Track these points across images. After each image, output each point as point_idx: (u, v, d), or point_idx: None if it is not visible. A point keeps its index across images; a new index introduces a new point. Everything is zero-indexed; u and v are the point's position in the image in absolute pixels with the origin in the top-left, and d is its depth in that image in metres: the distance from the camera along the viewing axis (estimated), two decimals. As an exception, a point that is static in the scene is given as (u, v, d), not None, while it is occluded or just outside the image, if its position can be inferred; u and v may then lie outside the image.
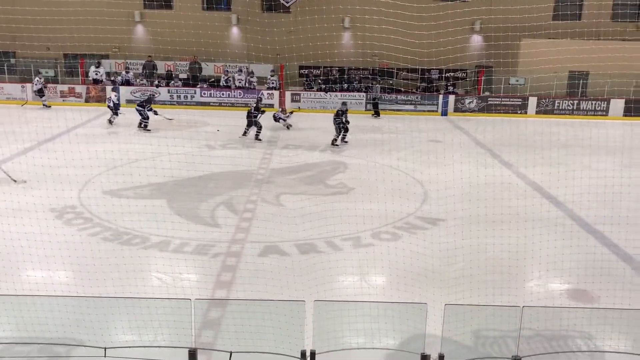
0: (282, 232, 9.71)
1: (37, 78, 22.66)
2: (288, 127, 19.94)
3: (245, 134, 18.04)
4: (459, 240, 9.58)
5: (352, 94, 24.28)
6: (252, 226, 10.39)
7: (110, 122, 19.44)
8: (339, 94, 24.07)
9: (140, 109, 18.67)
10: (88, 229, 9.94)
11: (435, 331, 5.30)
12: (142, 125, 18.57)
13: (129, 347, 4.35)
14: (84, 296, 6.19)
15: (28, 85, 23.52)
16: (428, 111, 24.08)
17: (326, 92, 24.12)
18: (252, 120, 17.95)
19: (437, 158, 14.87)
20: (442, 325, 4.98)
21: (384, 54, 21.54)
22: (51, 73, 24.82)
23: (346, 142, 17.63)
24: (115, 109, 19.44)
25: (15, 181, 12.17)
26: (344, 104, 17.65)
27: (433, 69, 24.41)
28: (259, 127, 17.88)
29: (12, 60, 25.11)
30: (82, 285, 7.49)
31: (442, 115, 24.02)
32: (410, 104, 24.28)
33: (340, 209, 10.58)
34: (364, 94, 24.24)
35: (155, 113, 18.74)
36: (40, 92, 22.46)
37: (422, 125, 21.23)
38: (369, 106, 23.84)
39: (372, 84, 24.06)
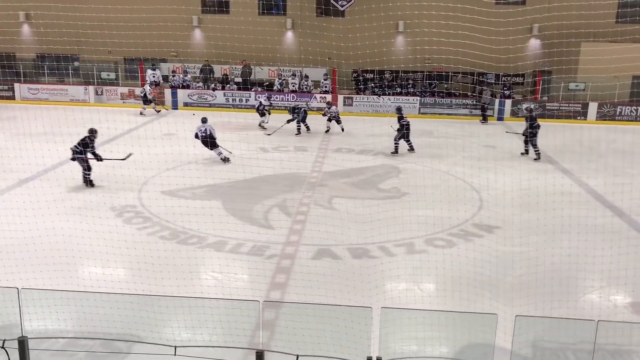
0: (335, 235, 9.71)
1: (147, 86, 23.23)
2: (342, 130, 19.92)
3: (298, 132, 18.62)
4: (516, 249, 9.36)
5: (405, 97, 24.11)
6: (305, 229, 10.45)
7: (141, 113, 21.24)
8: (392, 97, 23.95)
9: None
10: (147, 228, 10.22)
11: (502, 343, 5.15)
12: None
13: (199, 346, 4.41)
14: (144, 294, 6.34)
15: (90, 87, 24.39)
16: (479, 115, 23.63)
17: (379, 96, 24.02)
18: (297, 117, 18.81)
19: (492, 164, 14.57)
20: (512, 338, 4.83)
21: (438, 57, 21.36)
22: (112, 76, 25.68)
23: (411, 149, 16.95)
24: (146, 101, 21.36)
25: (124, 159, 13.06)
26: (398, 109, 17.33)
27: (489, 73, 23.96)
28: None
29: (76, 64, 26.10)
30: (140, 282, 7.68)
31: (497, 120, 23.53)
32: (465, 108, 23.90)
33: (393, 214, 10.50)
34: (418, 98, 24.01)
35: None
36: (145, 98, 22.83)
37: (477, 129, 20.88)
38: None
39: (482, 89, 23.54)
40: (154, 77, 24.53)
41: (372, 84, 25.12)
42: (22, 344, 4.04)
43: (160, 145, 16.23)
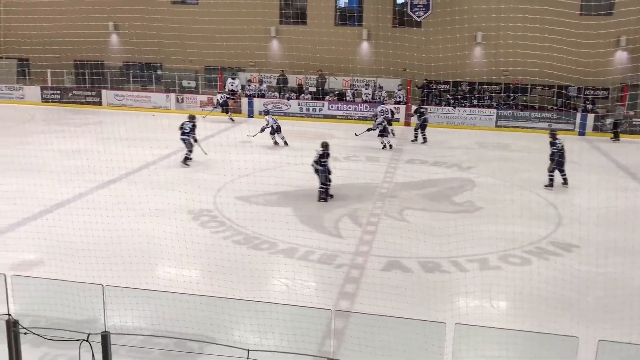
0: (406, 247, 9.60)
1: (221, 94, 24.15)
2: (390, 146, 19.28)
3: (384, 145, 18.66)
4: (597, 269, 8.93)
5: (482, 110, 23.59)
6: (375, 240, 10.39)
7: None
8: (467, 109, 23.50)
9: None
10: (221, 232, 10.49)
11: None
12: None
13: (271, 351, 4.47)
14: (216, 296, 6.49)
15: (172, 95, 25.40)
16: (564, 130, 22.72)
17: (454, 108, 23.63)
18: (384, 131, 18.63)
19: (572, 180, 13.99)
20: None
21: (517, 69, 20.77)
22: (192, 84, 26.65)
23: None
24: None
25: (206, 153, 14.81)
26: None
27: (571, 85, 23.07)
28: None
29: (159, 72, 27.27)
30: (213, 284, 7.88)
31: (579, 134, 22.58)
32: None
33: (467, 228, 10.26)
34: (495, 110, 23.44)
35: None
36: (224, 104, 23.75)
37: (557, 144, 20.08)
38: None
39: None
40: (232, 85, 25.23)
41: (448, 95, 24.75)
42: (105, 338, 4.23)
43: (236, 152, 16.67)
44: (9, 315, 4.32)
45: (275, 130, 18.66)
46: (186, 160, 15.29)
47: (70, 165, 14.54)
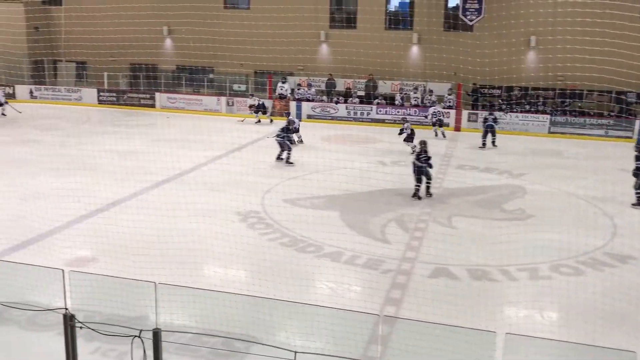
0: (454, 254, 9.47)
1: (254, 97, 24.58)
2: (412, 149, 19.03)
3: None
4: (655, 283, 8.58)
5: (535, 115, 23.04)
6: (422, 246, 10.29)
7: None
8: (519, 114, 22.98)
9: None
10: (268, 234, 10.60)
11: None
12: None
13: (319, 354, 4.49)
14: (263, 297, 6.56)
15: (223, 98, 25.83)
16: (621, 137, 21.95)
17: (506, 113, 23.15)
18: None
19: (629, 189, 13.48)
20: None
21: (573, 74, 20.19)
22: (243, 88, 27.04)
23: None
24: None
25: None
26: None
27: (631, 91, 22.22)
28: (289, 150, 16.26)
29: (211, 76, 27.79)
30: (259, 285, 7.97)
31: (638, 142, 21.71)
32: (600, 128, 22.34)
33: (517, 236, 10.05)
34: (548, 116, 22.84)
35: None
36: (260, 108, 24.11)
37: (611, 151, 19.41)
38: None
39: None
40: (282, 89, 25.46)
41: (500, 100, 24.27)
42: (157, 335, 4.34)
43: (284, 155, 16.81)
44: (66, 309, 4.48)
45: (297, 130, 19.01)
46: (288, 160, 15.92)
47: (124, 165, 14.98)
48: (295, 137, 18.72)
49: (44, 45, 28.30)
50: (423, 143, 13.41)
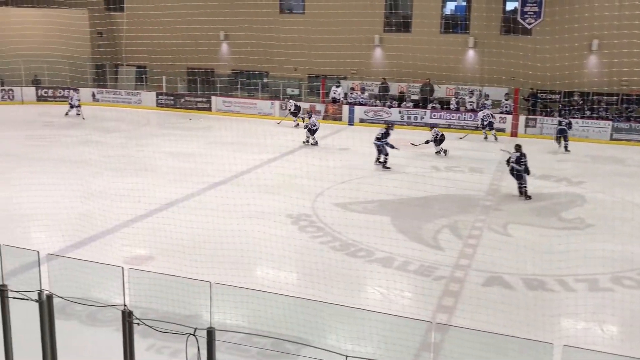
0: (509, 263, 9.24)
1: (290, 101, 24.87)
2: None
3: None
4: None
5: (596, 121, 22.26)
6: (476, 253, 10.09)
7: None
8: (579, 120, 22.25)
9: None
10: (319, 237, 10.63)
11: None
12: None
13: (370, 359, 4.46)
14: (313, 300, 6.58)
15: (276, 102, 26.13)
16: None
17: (565, 119, 22.46)
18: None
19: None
20: None
21: (638, 79, 19.39)
22: (296, 92, 27.27)
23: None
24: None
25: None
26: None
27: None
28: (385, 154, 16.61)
29: (265, 80, 28.17)
30: (309, 288, 7.99)
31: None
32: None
33: (576, 246, 9.71)
34: (610, 123, 22.02)
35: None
36: (296, 111, 24.40)
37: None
38: None
39: None
40: (335, 93, 25.53)
41: (560, 105, 23.57)
42: (211, 334, 4.41)
43: (335, 159, 16.85)
44: (125, 306, 4.62)
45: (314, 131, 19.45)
46: (385, 164, 16.37)
47: (180, 167, 15.37)
48: (310, 138, 19.16)
49: (107, 50, 29.39)
50: (519, 147, 13.85)
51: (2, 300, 4.97)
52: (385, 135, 16.73)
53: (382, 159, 16.64)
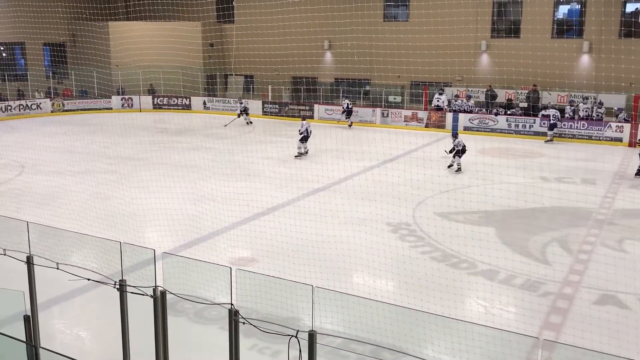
0: (625, 281, 8.64)
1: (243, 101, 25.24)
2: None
3: None
4: None
5: None
6: (588, 269, 9.52)
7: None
8: None
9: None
10: (419, 247, 10.50)
11: None
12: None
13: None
14: (413, 309, 6.51)
15: (378, 110, 26.12)
16: None
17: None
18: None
19: None
20: None
21: None
22: (398, 99, 27.13)
23: None
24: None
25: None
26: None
27: None
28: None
29: (367, 87, 28.26)
30: (410, 297, 7.92)
31: None
32: None
33: None
34: None
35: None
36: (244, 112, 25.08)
37: None
38: None
39: None
40: (438, 101, 25.11)
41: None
42: (312, 337, 4.50)
43: (437, 168, 16.58)
44: (232, 304, 4.82)
45: (307, 137, 18.64)
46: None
47: (283, 172, 15.78)
48: (302, 148, 18.59)
49: (217, 61, 30.85)
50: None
51: (121, 294, 5.34)
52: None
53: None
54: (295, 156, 18.37)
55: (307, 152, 18.69)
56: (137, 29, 30.15)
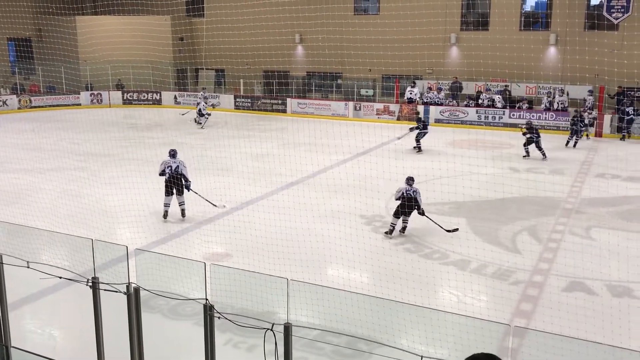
0: (592, 268, 8.87)
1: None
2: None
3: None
4: None
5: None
6: (557, 257, 9.74)
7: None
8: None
9: None
10: (393, 238, 10.60)
11: None
12: None
13: (442, 360, 4.44)
14: (387, 299, 6.59)
15: (350, 103, 26.20)
16: None
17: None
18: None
19: None
20: None
21: None
22: (370, 93, 27.25)
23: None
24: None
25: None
26: None
27: None
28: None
29: (339, 81, 28.32)
30: (381, 286, 7.99)
31: None
32: None
33: (667, 251, 9.19)
34: None
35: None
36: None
37: None
38: None
39: None
40: (411, 94, 25.28)
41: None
42: (287, 329, 4.52)
43: (409, 160, 16.72)
44: (206, 299, 4.81)
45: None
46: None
47: (256, 167, 15.73)
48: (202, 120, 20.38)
49: (188, 55, 30.52)
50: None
51: (94, 292, 5.29)
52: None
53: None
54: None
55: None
56: (105, 23, 29.65)
